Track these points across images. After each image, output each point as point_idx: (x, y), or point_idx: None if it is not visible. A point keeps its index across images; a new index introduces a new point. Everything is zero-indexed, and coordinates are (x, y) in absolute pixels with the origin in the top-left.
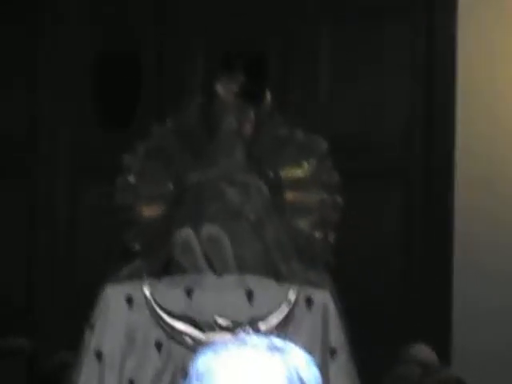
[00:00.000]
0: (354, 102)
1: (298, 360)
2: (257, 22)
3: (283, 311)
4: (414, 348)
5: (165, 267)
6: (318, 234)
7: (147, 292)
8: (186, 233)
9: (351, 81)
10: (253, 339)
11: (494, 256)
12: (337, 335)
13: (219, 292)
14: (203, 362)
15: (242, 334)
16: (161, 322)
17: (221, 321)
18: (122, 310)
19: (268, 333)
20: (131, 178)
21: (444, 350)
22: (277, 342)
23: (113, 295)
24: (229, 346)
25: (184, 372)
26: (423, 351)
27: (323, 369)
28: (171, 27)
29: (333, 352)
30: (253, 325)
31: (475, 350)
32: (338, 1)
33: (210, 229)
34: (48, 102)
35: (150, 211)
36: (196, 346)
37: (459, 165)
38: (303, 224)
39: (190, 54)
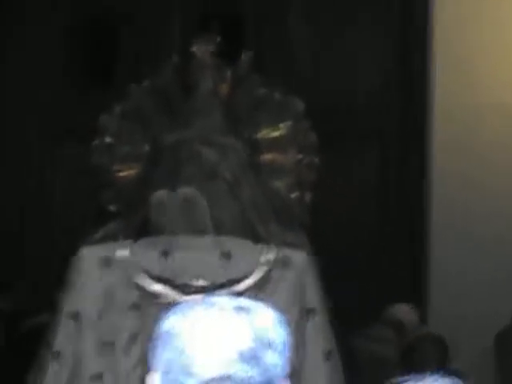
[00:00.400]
0: (330, 62)
1: (266, 321)
2: None
3: (260, 272)
4: (394, 308)
5: (141, 229)
6: (294, 195)
7: (124, 253)
8: (163, 194)
9: (327, 41)
10: (220, 300)
11: (469, 217)
12: (313, 296)
13: (196, 253)
14: (169, 323)
15: (209, 295)
16: (137, 284)
17: (197, 282)
18: (99, 272)
19: (244, 294)
20: (107, 139)
21: (421, 310)
22: (245, 302)
23: (89, 257)
24: (195, 307)
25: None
26: (403, 311)
27: (300, 329)
28: None
29: (309, 312)
30: (229, 286)
31: (451, 310)
32: None
33: (186, 190)
34: (21, 62)
35: (126, 172)
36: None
37: (434, 126)
38: (280, 185)
39: (166, 14)
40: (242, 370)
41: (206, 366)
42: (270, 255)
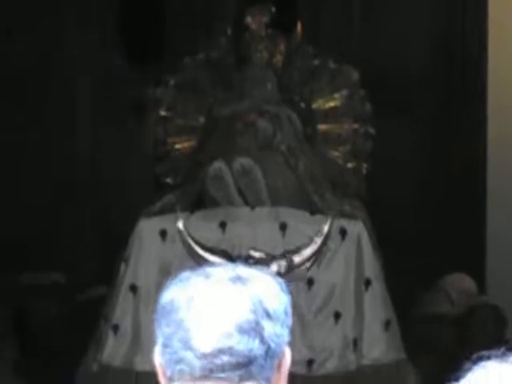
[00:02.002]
0: (385, 33)
1: (265, 290)
2: None
3: (317, 243)
4: (452, 276)
5: (198, 201)
6: (350, 165)
7: (181, 225)
8: (219, 166)
9: (382, 13)
10: (217, 271)
11: None
12: (371, 266)
13: (253, 225)
14: (167, 296)
15: (278, 270)
16: (195, 255)
17: (255, 253)
18: (156, 244)
19: (302, 265)
20: (163, 111)
21: (479, 280)
22: (243, 272)
23: (146, 229)
24: (193, 278)
25: None
26: (461, 279)
27: (358, 298)
28: None
29: (367, 282)
30: (287, 257)
31: (510, 280)
32: None
33: (242, 161)
34: (75, 33)
35: (182, 144)
36: None
37: (490, 95)
38: (336, 155)
39: None
40: (241, 343)
41: (205, 339)
42: (326, 226)
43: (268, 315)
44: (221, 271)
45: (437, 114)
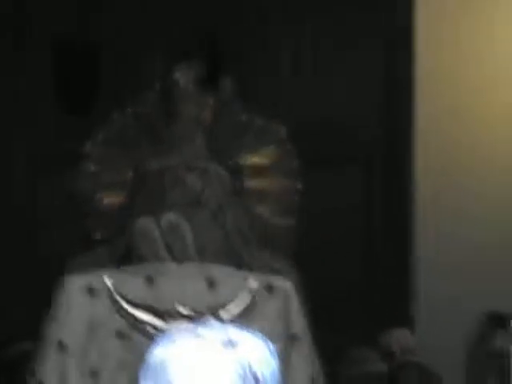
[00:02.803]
0: (313, 87)
1: (254, 354)
2: (214, 9)
3: (244, 299)
4: (397, 332)
5: (125, 256)
6: (278, 221)
7: (108, 281)
8: (146, 221)
9: (310, 66)
10: (208, 331)
11: (455, 247)
12: (298, 322)
13: (180, 280)
14: (157, 355)
15: (198, 325)
16: (122, 312)
17: (182, 309)
18: (83, 300)
19: (229, 321)
20: (91, 166)
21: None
22: (234, 334)
23: (73, 285)
24: (184, 338)
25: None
26: (406, 336)
27: (285, 355)
28: (127, 14)
29: (294, 339)
30: (214, 313)
31: (437, 336)
32: None
33: (169, 216)
34: (4, 88)
35: (110, 199)
36: (158, 335)
37: (418, 150)
38: (264, 210)
39: (148, 40)
40: None
41: None
42: (254, 282)
43: (256, 380)
44: (212, 333)
45: (366, 167)
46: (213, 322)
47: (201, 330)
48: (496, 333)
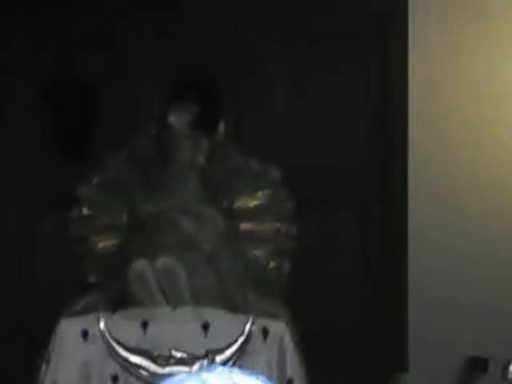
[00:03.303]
0: (307, 129)
1: None
2: (206, 50)
3: (239, 343)
4: (404, 376)
5: (120, 300)
6: (273, 264)
7: (102, 325)
8: (141, 265)
9: (304, 107)
10: (213, 376)
11: (446, 285)
12: (293, 366)
13: (175, 324)
14: None
15: (202, 370)
16: (116, 356)
17: (176, 353)
18: (77, 344)
19: (224, 365)
20: (85, 209)
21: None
22: (238, 378)
23: (68, 329)
24: (189, 383)
25: None
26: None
27: None
28: (119, 56)
29: (289, 382)
30: (209, 357)
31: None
32: (287, 26)
33: (164, 260)
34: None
35: (105, 242)
36: (152, 380)
37: (412, 189)
38: (258, 253)
39: (142, 83)
40: None
41: None
42: (248, 325)
43: None
44: (217, 378)
45: (360, 208)
46: (217, 366)
47: (205, 374)
48: (476, 378)
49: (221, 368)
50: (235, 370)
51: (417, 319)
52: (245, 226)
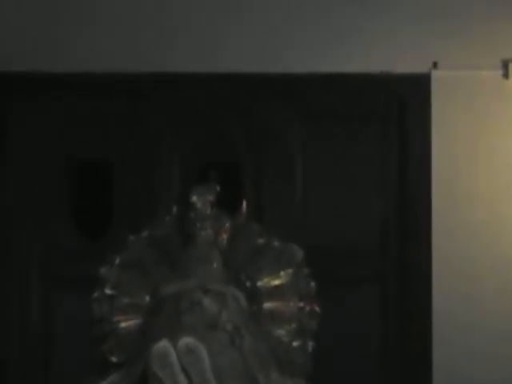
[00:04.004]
0: (328, 209)
1: None
2: (229, 133)
3: None
4: None
5: (142, 380)
6: (296, 343)
7: None
8: (163, 345)
9: (325, 189)
10: None
11: (472, 362)
12: None
13: None
14: None
15: None
16: None
17: None
18: None
19: None
20: (107, 290)
21: None
22: None
23: None
24: None
25: None
26: None
27: None
28: (142, 138)
29: None
30: None
31: None
32: (310, 109)
33: (186, 341)
34: (19, 210)
35: (127, 322)
36: None
37: (435, 271)
38: (281, 333)
39: (165, 163)
40: None
41: None
42: None
43: None
44: None
45: (383, 288)
46: None
47: None
48: None
49: None
50: None
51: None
52: (268, 305)
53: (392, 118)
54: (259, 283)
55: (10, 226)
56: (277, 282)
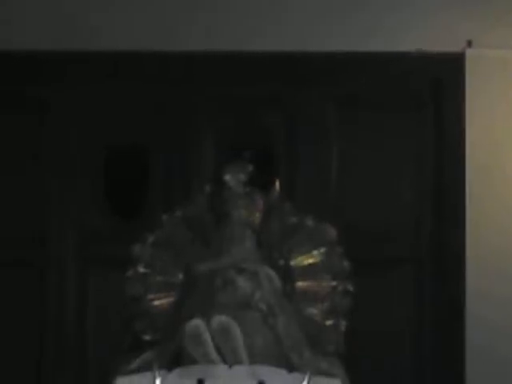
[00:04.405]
0: (362, 190)
1: None
2: (264, 115)
3: None
4: None
5: (176, 358)
6: (329, 322)
7: (159, 383)
8: (197, 323)
9: (360, 169)
10: None
11: (506, 342)
12: None
13: (231, 383)
14: None
15: None
16: None
17: None
18: None
19: None
20: (141, 268)
21: None
22: None
23: None
24: None
25: None
26: None
27: None
28: (176, 119)
29: None
30: None
31: None
32: (344, 93)
33: (220, 319)
34: (57, 192)
35: (160, 301)
36: None
37: (469, 252)
38: (314, 312)
39: (198, 142)
40: None
41: None
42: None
43: None
44: None
45: (416, 269)
46: None
47: None
48: None
49: None
50: None
51: (474, 377)
52: (301, 284)
53: (427, 99)
54: (292, 262)
55: (49, 209)
56: (310, 261)
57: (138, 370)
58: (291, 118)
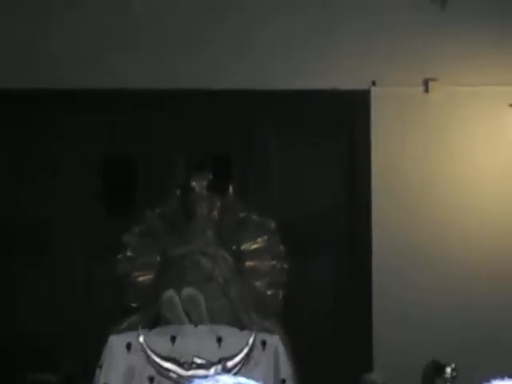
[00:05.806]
0: (295, 192)
1: None
2: (223, 135)
3: (244, 352)
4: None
5: (155, 320)
6: (270, 292)
7: (142, 339)
8: (170, 294)
9: (293, 176)
10: (223, 378)
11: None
12: (285, 369)
13: (196, 338)
14: None
15: (214, 373)
16: (152, 362)
17: (197, 360)
18: (123, 354)
19: (234, 369)
20: (129, 252)
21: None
22: (242, 380)
23: (116, 342)
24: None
25: None
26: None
27: None
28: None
29: (283, 382)
30: (222, 363)
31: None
32: (282, 118)
33: (188, 290)
34: (64, 193)
35: (143, 277)
36: (179, 380)
37: (375, 236)
38: (259, 284)
39: (172, 157)
40: None
41: None
42: (251, 338)
43: None
44: (226, 378)
45: (336, 249)
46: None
47: (217, 376)
48: (435, 379)
49: (229, 376)
50: (241, 377)
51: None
52: (249, 263)
53: (343, 124)
54: (242, 247)
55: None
56: (255, 246)
57: (127, 329)
58: (244, 137)
